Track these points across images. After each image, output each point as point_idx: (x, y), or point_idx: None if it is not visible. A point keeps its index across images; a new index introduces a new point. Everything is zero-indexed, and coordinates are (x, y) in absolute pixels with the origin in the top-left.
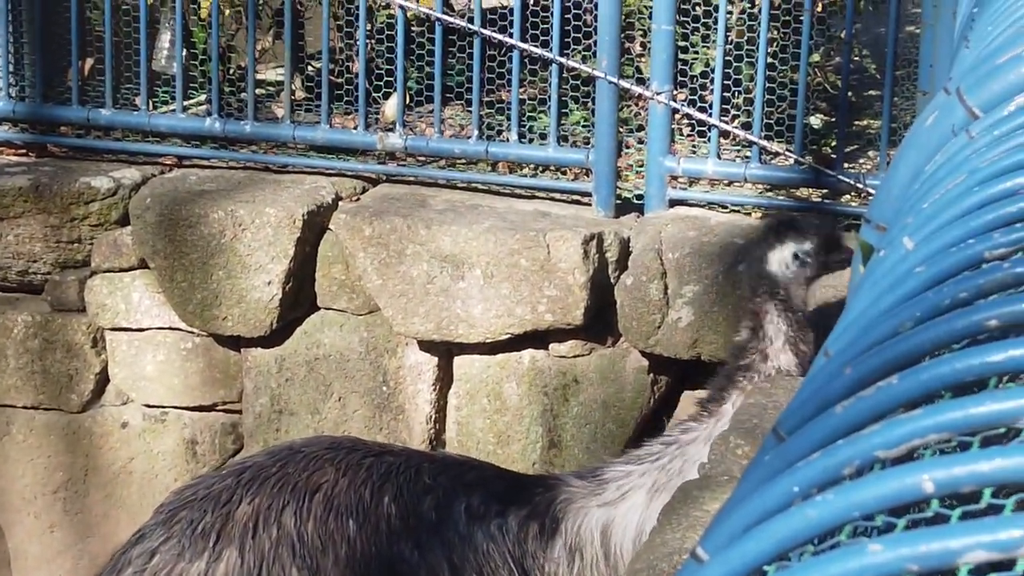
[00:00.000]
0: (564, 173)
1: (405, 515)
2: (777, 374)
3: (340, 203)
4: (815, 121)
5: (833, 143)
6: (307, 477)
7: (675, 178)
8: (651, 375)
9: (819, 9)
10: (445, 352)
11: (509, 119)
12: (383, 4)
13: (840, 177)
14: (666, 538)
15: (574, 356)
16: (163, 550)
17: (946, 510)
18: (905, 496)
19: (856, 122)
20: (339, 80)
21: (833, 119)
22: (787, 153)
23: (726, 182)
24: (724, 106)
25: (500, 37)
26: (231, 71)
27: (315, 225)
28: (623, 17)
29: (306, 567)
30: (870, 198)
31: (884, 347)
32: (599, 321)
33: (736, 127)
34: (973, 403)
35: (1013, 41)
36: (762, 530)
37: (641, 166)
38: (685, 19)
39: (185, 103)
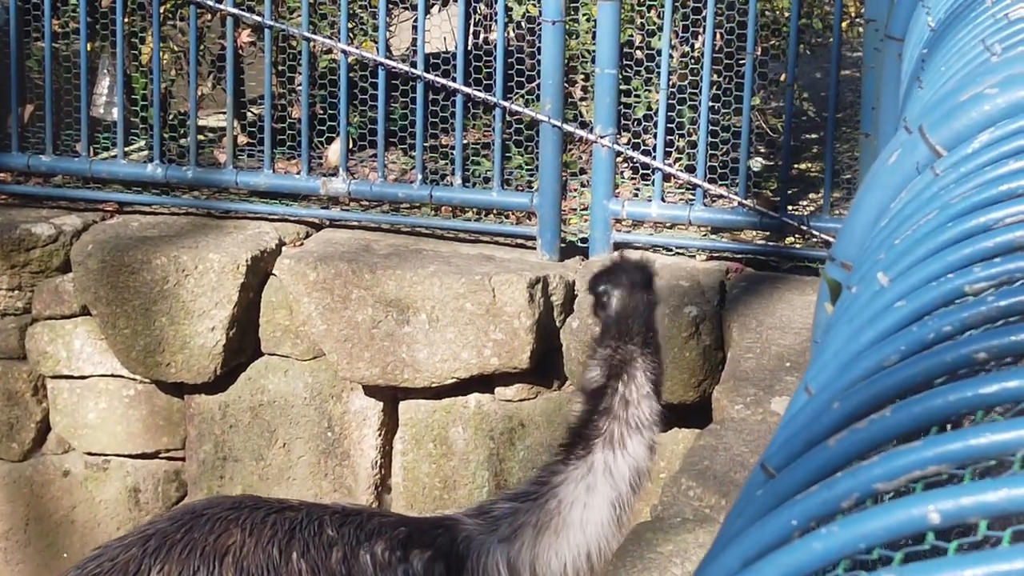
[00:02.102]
0: (507, 217)
1: (316, 569)
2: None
3: (284, 248)
4: (754, 164)
5: (773, 186)
6: (214, 540)
7: (619, 221)
8: None
9: (758, 53)
10: (390, 397)
11: (453, 163)
12: (325, 49)
13: (784, 219)
14: None
15: (520, 400)
16: None
17: (941, 542)
18: (911, 527)
19: (795, 165)
20: (281, 125)
21: (771, 162)
22: (731, 196)
23: (669, 225)
24: (667, 149)
25: (443, 81)
26: (171, 117)
27: (259, 270)
28: (565, 61)
29: None
30: (814, 240)
31: (872, 381)
32: (545, 364)
33: (680, 170)
34: (973, 434)
35: (972, 79)
36: (767, 563)
37: (585, 209)
38: (628, 63)
39: (126, 149)
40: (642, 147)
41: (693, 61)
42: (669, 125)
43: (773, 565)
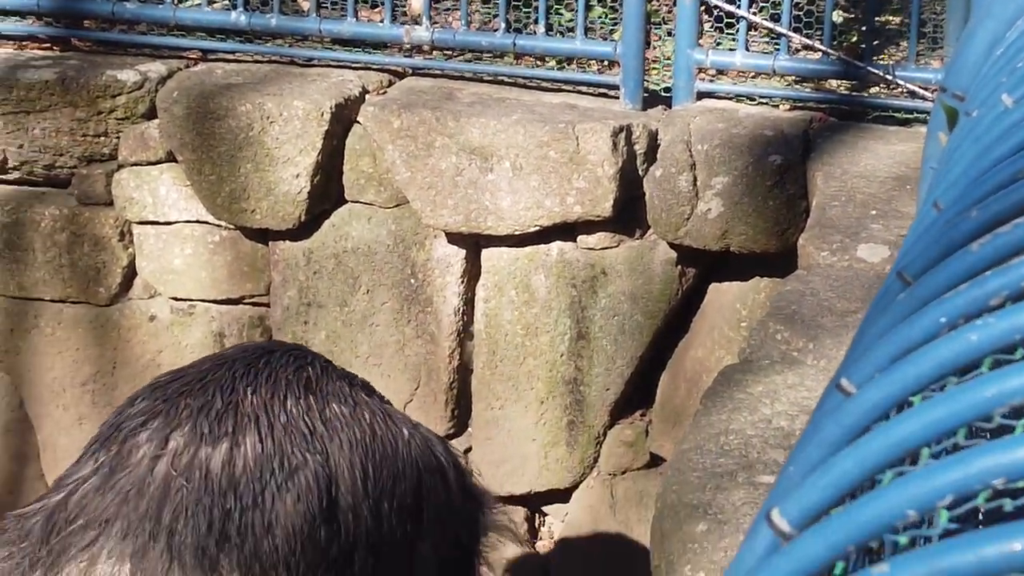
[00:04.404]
0: (588, 65)
1: (381, 404)
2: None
3: (367, 96)
4: (836, 16)
5: (855, 38)
6: (294, 371)
7: (702, 70)
8: (679, 267)
9: None
10: (473, 244)
11: (535, 12)
12: None
13: (870, 69)
14: (711, 420)
15: (602, 248)
16: (176, 435)
17: None
18: None
19: (876, 17)
20: None
21: (852, 15)
22: (817, 46)
23: (753, 74)
24: None
25: None
26: None
27: (343, 118)
28: None
29: (317, 452)
30: (898, 90)
31: (1010, 191)
32: (627, 213)
33: (765, 19)
34: None
35: None
36: (921, 356)
37: (667, 59)
38: None
39: None
40: None
41: None
42: None
43: (927, 357)
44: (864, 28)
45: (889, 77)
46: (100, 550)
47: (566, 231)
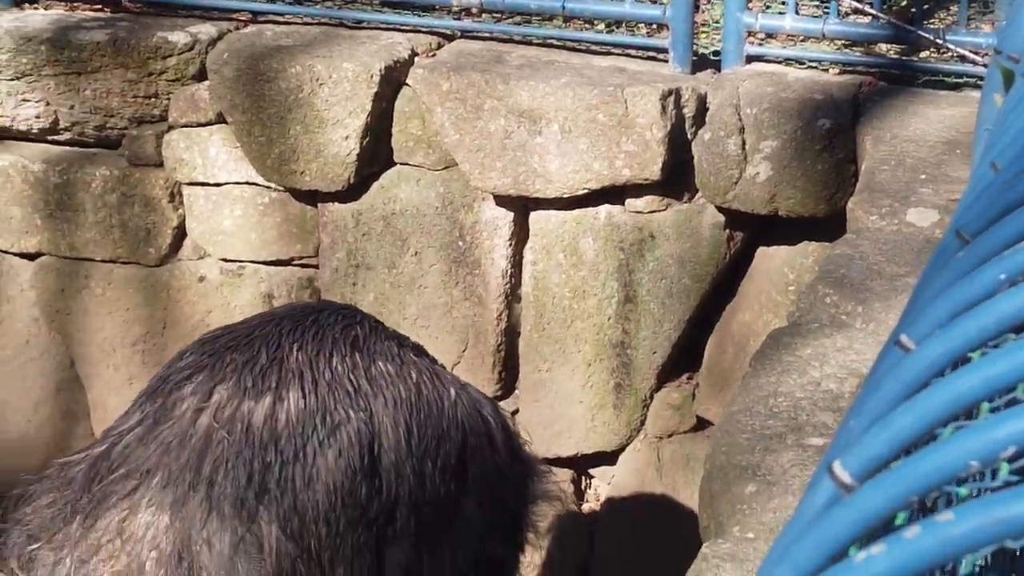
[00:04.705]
0: (637, 29)
1: (430, 364)
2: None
3: (416, 59)
4: None
5: (904, 2)
6: (341, 331)
7: (752, 34)
8: (727, 230)
9: None
10: (521, 207)
11: None
12: None
13: (920, 33)
14: (760, 382)
15: (650, 211)
16: (220, 389)
17: None
18: None
19: None
20: None
21: None
22: (867, 9)
23: (803, 38)
24: None
25: None
26: None
27: (392, 80)
28: None
29: (361, 410)
30: (948, 54)
31: None
32: (676, 176)
33: None
34: None
35: None
36: (982, 312)
37: (717, 22)
38: None
39: None
40: None
41: None
42: None
43: (987, 313)
44: None
45: (939, 41)
46: (140, 499)
47: (614, 194)
